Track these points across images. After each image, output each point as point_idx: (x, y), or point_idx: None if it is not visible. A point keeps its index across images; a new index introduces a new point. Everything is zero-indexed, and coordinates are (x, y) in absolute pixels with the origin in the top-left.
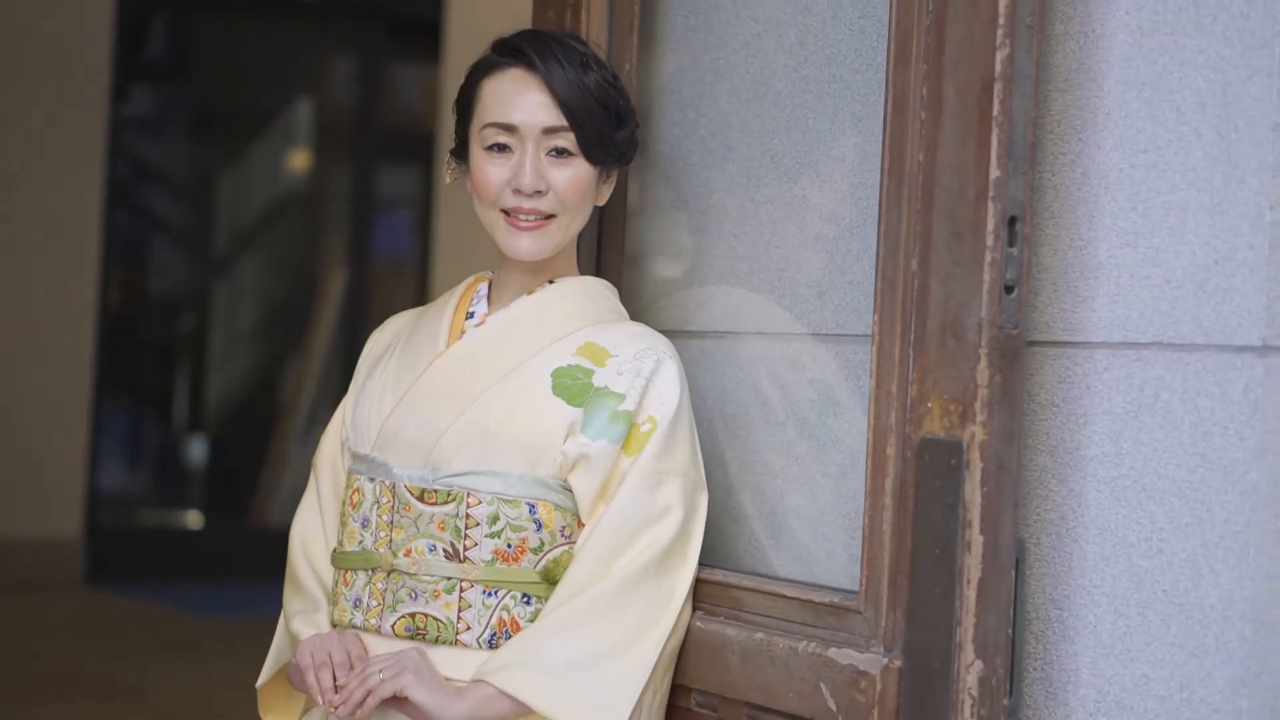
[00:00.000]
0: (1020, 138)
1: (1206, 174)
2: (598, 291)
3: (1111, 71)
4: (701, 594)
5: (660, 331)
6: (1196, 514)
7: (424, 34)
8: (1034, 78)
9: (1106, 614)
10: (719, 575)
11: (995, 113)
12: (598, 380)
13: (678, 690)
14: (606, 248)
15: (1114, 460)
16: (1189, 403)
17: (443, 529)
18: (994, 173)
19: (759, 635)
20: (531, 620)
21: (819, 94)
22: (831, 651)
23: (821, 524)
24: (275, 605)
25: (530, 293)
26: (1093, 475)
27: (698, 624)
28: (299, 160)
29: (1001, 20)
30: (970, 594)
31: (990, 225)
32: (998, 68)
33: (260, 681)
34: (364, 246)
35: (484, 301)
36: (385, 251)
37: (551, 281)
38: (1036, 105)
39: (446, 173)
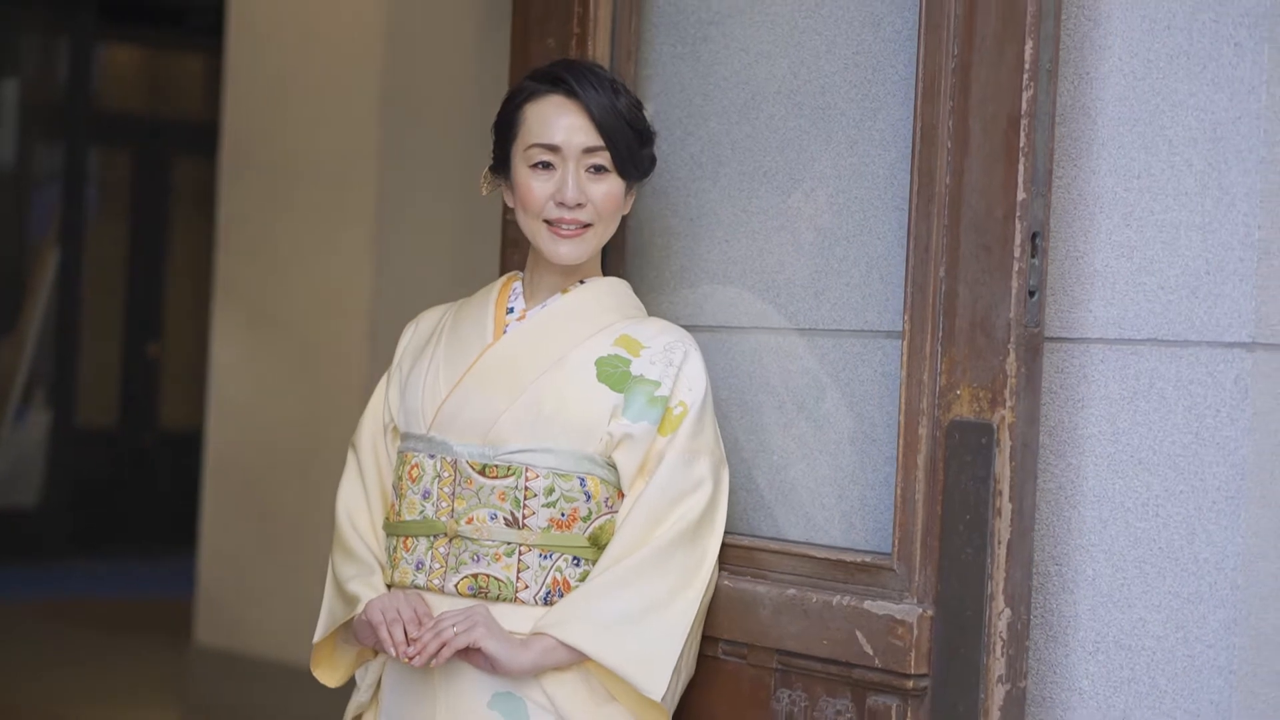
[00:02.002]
0: (1041, 165)
1: (1198, 198)
2: (624, 290)
3: (1105, 108)
4: (727, 556)
5: None
6: (1190, 483)
7: (138, 16)
8: (1051, 114)
9: (1105, 568)
10: (745, 540)
11: (1022, 144)
12: (634, 369)
13: (706, 641)
14: (608, 250)
15: (1110, 438)
16: (1183, 390)
17: (503, 499)
18: (1020, 195)
19: (791, 591)
20: (580, 580)
21: (812, 119)
22: (867, 604)
23: (820, 493)
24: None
25: (564, 291)
26: (1090, 451)
27: (725, 582)
28: (5, 140)
29: (1027, 65)
30: (1001, 552)
31: (1017, 240)
32: (1024, 106)
33: (316, 638)
34: (77, 227)
35: (520, 298)
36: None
37: (582, 281)
38: (1053, 137)
39: (483, 185)
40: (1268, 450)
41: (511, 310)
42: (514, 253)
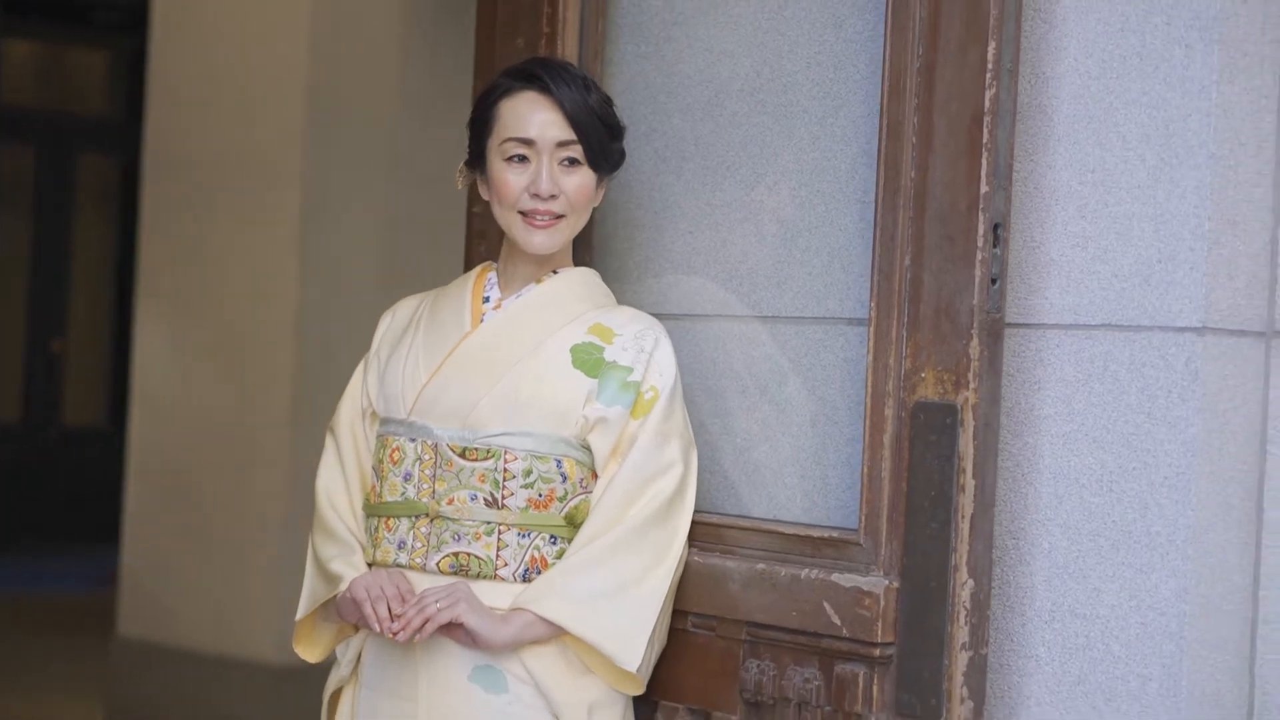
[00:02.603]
0: (1003, 160)
1: (1150, 191)
2: (595, 279)
3: (1062, 107)
4: (696, 534)
5: None
6: (1142, 460)
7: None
8: (1012, 112)
9: (1060, 541)
10: (713, 518)
11: (985, 140)
12: (608, 355)
13: (676, 614)
14: (576, 242)
15: (1066, 418)
16: (1136, 372)
17: (483, 481)
18: (983, 188)
19: (760, 566)
20: (557, 558)
21: (775, 116)
22: (834, 576)
23: (782, 473)
24: None
25: (538, 281)
26: (1047, 431)
27: (695, 559)
28: None
29: (990, 65)
30: (965, 526)
31: (980, 230)
32: (986, 104)
33: (299, 616)
34: None
35: (496, 288)
36: None
37: (555, 271)
38: (1013, 134)
39: (458, 179)
40: (1216, 429)
41: (488, 299)
42: (480, 244)
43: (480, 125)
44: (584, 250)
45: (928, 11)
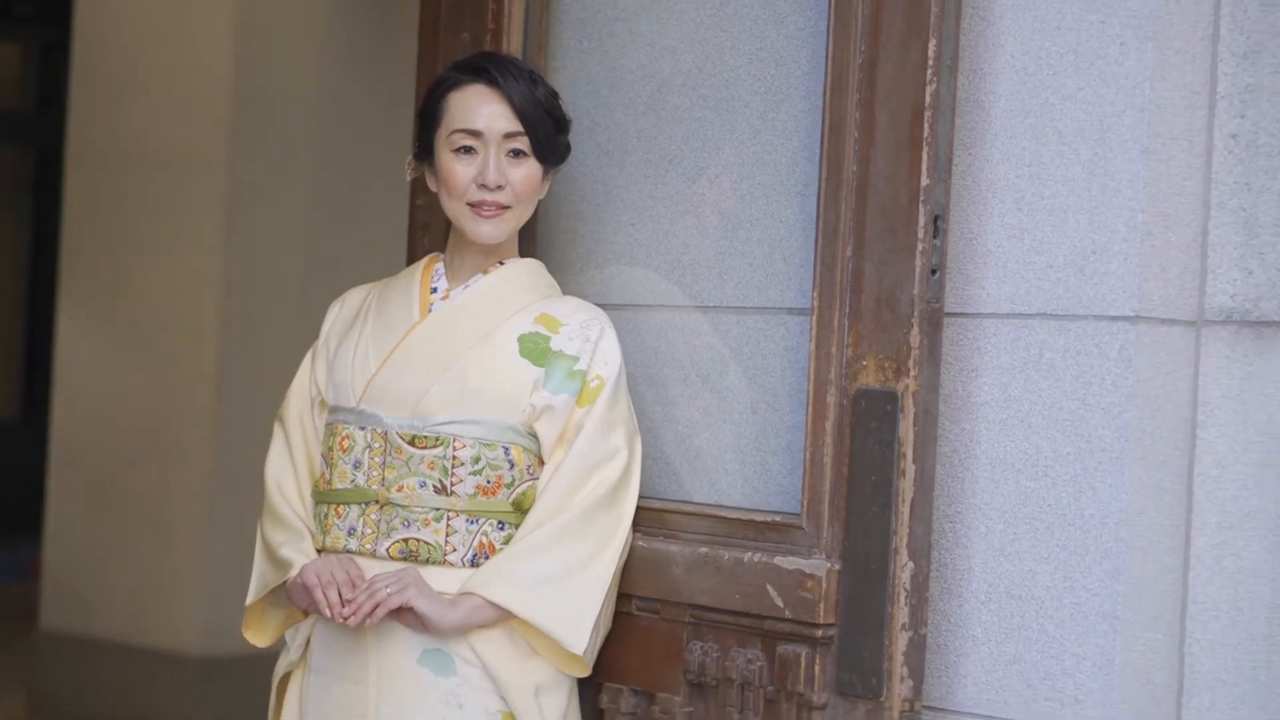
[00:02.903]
0: (943, 154)
1: (1085, 184)
2: (540, 270)
3: (999, 102)
4: (640, 519)
5: None
6: (1077, 445)
7: None
8: (952, 107)
9: (997, 524)
10: (657, 503)
11: (926, 134)
12: (554, 345)
13: (621, 598)
14: (520, 233)
15: (1003, 405)
16: (1070, 360)
17: (432, 468)
18: (924, 181)
19: (703, 550)
20: (505, 543)
21: (717, 110)
22: (777, 559)
23: (723, 459)
24: None
25: (485, 272)
26: (984, 417)
27: (639, 543)
28: None
29: (930, 61)
30: (905, 510)
31: (921, 222)
32: (927, 99)
33: (248, 601)
34: None
35: (444, 279)
36: None
37: (502, 262)
38: (953, 128)
39: (407, 171)
40: (1148, 415)
41: (435, 290)
42: (424, 236)
43: (428, 117)
44: (528, 242)
45: (870, 9)
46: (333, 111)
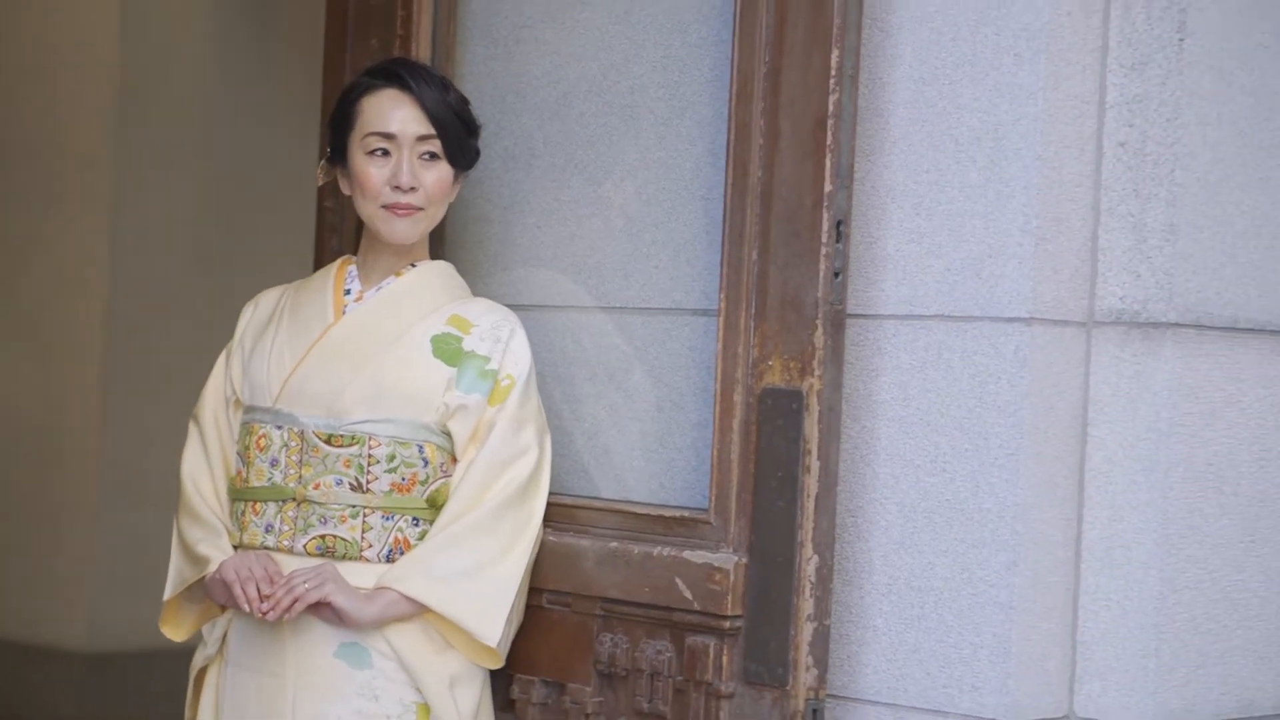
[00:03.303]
0: (845, 161)
1: (981, 190)
2: (450, 272)
3: (898, 111)
4: (550, 515)
5: None
6: (974, 442)
7: None
8: (853, 115)
9: (896, 519)
10: (567, 499)
11: (829, 142)
12: (466, 345)
13: (532, 592)
14: (430, 236)
15: (902, 403)
16: (968, 360)
17: (348, 466)
18: (828, 187)
19: (613, 544)
20: (420, 539)
21: (622, 116)
22: (686, 553)
23: (630, 456)
24: None
25: (398, 274)
26: (884, 415)
27: (550, 538)
28: None
29: (833, 71)
30: (810, 505)
31: (825, 226)
32: (830, 108)
33: (166, 597)
34: None
35: (357, 281)
36: None
37: (413, 265)
38: (854, 136)
39: (319, 175)
40: (1042, 412)
41: (349, 292)
42: (332, 238)
43: (342, 121)
44: (437, 244)
45: (774, 20)
46: (217, 108)
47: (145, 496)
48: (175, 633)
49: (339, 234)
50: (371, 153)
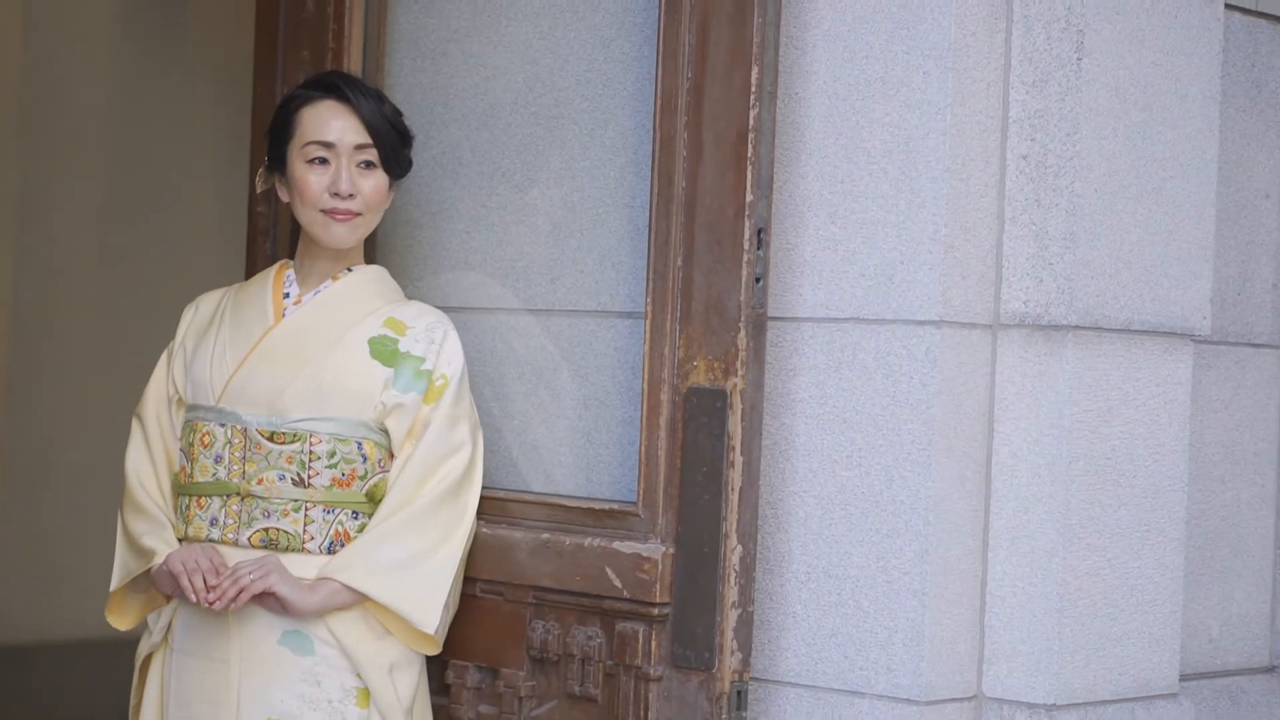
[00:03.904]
0: (765, 172)
1: (893, 200)
2: (385, 276)
3: (813, 124)
4: (483, 508)
5: None
6: (888, 438)
7: None
8: (772, 129)
9: (814, 510)
10: (500, 493)
11: (750, 154)
12: (402, 346)
13: (466, 582)
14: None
15: (819, 401)
16: (881, 360)
17: (290, 462)
18: (749, 197)
19: (545, 535)
20: (359, 531)
21: (547, 127)
22: (616, 544)
23: (558, 452)
24: None
25: (335, 278)
26: (802, 413)
27: (483, 530)
28: None
29: (754, 88)
30: (734, 498)
31: (746, 234)
32: (751, 122)
33: (112, 588)
34: None
35: (295, 284)
36: None
37: (349, 269)
38: (774, 149)
39: (258, 182)
40: (952, 410)
41: (288, 295)
42: (264, 241)
43: (281, 131)
44: (369, 249)
45: (695, 39)
46: (123, 109)
47: (48, 491)
48: (120, 622)
49: (271, 238)
50: (311, 161)
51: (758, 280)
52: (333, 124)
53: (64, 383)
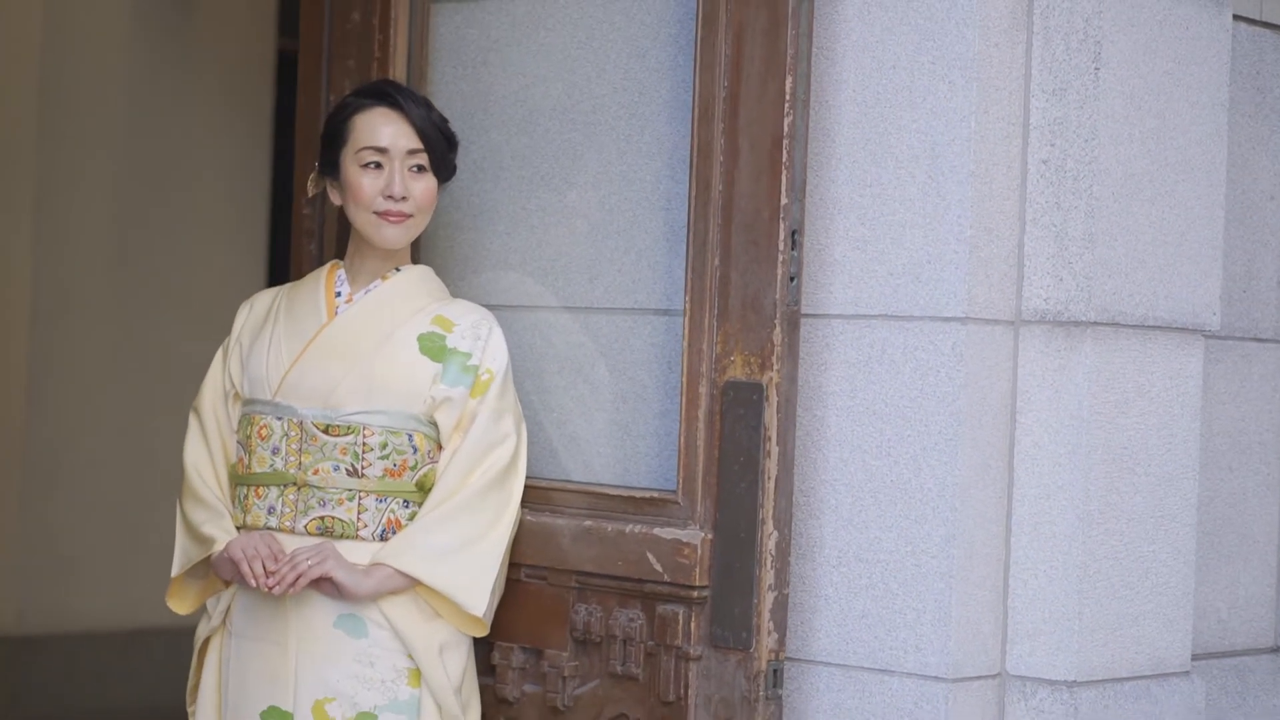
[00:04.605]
0: (799, 176)
1: (920, 203)
2: (431, 276)
3: (843, 131)
4: (527, 496)
5: None
6: (916, 429)
7: None
8: (805, 136)
9: (845, 498)
10: (542, 482)
11: (785, 159)
12: (449, 343)
13: (511, 567)
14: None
15: (850, 394)
16: (909, 355)
17: (344, 453)
18: (784, 200)
19: (587, 522)
20: (410, 519)
21: (585, 133)
22: (656, 530)
23: (597, 443)
24: None
25: (384, 277)
26: (832, 404)
27: (527, 518)
28: None
29: (788, 96)
30: (770, 486)
31: (781, 236)
32: (785, 129)
33: (173, 574)
34: None
35: (346, 284)
36: None
37: (398, 269)
38: (806, 154)
39: (310, 186)
40: (977, 401)
41: (339, 294)
42: (309, 242)
43: (334, 137)
44: (413, 249)
45: (732, 51)
46: (137, 109)
47: (68, 484)
48: (180, 606)
49: (317, 239)
50: (365, 165)
51: (792, 279)
52: (386, 130)
53: (81, 380)
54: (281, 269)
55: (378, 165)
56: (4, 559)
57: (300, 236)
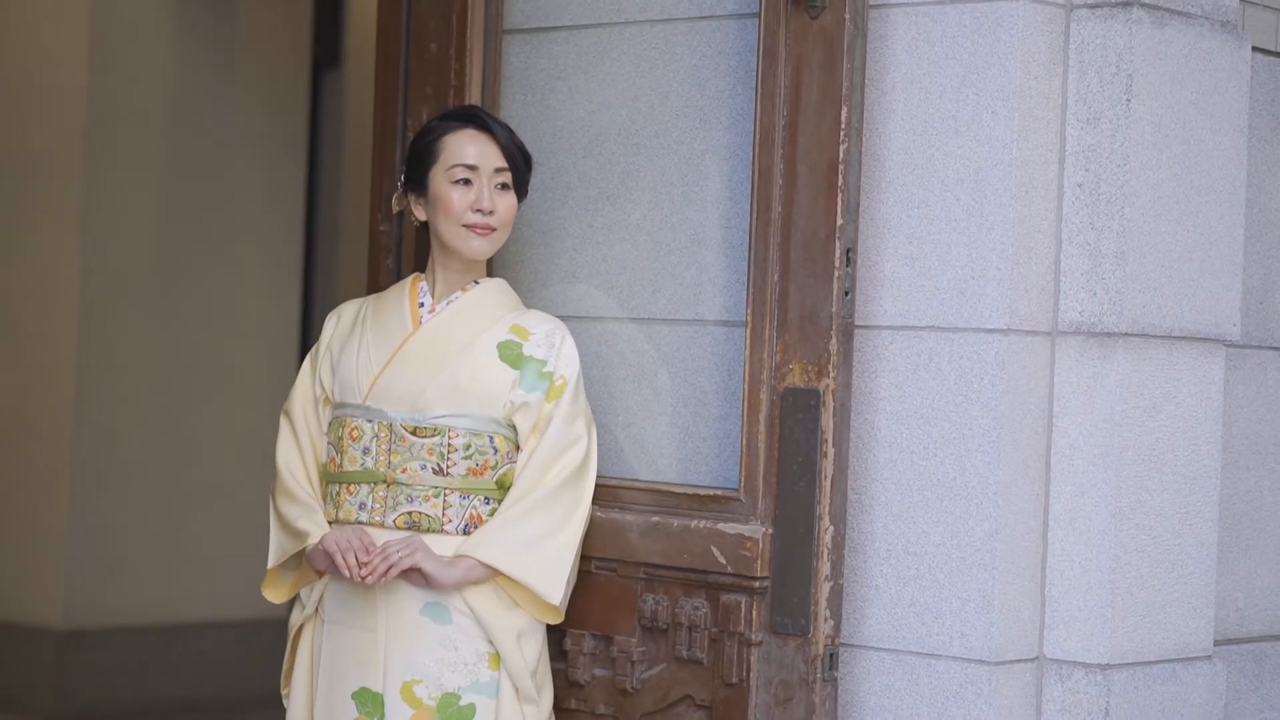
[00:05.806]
0: (853, 199)
1: (964, 224)
2: (507, 288)
3: (893, 157)
4: (598, 494)
5: None
6: (960, 432)
7: None
8: (859, 161)
9: (894, 495)
10: (611, 481)
11: (840, 183)
12: (526, 350)
13: (583, 560)
14: None
15: (899, 399)
16: (955, 363)
17: (430, 454)
18: (839, 221)
19: (654, 519)
20: (490, 515)
21: (648, 155)
22: (720, 525)
23: (662, 445)
24: None
25: (464, 289)
26: (883, 409)
27: (597, 514)
28: None
29: (843, 125)
30: (827, 485)
31: (837, 254)
32: (841, 155)
33: (270, 565)
34: None
35: (428, 295)
36: None
37: (477, 281)
38: (860, 178)
39: (395, 202)
40: (1017, 406)
41: (423, 305)
42: (386, 257)
43: (424, 156)
44: (487, 264)
45: (791, 82)
46: (184, 112)
47: (114, 483)
48: (275, 596)
49: (392, 254)
50: (456, 182)
51: (846, 293)
52: (474, 149)
53: (128, 380)
54: (317, 275)
55: (467, 181)
56: (52, 556)
57: (376, 252)
